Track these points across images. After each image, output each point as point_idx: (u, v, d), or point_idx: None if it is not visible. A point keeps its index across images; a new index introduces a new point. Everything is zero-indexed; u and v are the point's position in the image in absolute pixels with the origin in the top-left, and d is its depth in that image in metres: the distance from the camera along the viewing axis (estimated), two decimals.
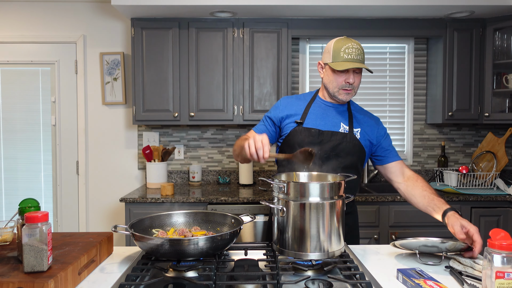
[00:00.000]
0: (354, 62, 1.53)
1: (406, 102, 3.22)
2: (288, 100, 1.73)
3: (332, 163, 1.58)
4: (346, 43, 1.56)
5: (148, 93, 2.82)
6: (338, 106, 1.67)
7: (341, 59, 1.54)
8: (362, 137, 1.64)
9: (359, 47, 1.56)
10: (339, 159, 1.59)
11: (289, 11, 2.70)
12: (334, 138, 1.60)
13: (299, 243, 1.17)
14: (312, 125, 1.63)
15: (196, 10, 2.66)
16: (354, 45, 1.55)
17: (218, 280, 1.07)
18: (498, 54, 2.86)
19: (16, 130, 3.19)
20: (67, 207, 3.22)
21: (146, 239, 1.12)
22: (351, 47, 1.55)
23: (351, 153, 1.60)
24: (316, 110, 1.67)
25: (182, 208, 2.54)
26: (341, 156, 1.59)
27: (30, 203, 1.16)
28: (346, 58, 1.53)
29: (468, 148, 3.23)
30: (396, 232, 2.53)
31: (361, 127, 1.66)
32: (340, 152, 1.59)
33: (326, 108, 1.67)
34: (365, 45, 3.18)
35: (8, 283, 0.94)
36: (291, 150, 1.62)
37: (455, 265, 1.22)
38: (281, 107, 1.71)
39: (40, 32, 3.15)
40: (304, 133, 1.61)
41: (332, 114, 1.66)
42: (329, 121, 1.64)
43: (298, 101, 1.72)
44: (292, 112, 1.68)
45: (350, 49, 1.54)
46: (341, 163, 1.59)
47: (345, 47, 1.55)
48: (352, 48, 1.54)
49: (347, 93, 1.60)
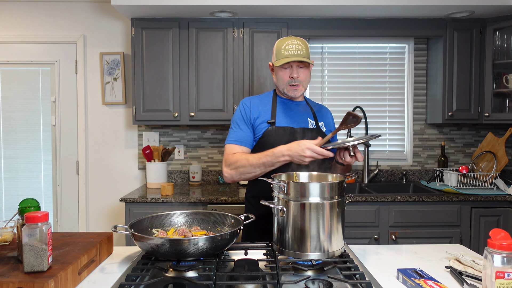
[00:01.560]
0: (293, 57, 1.57)
1: (406, 102, 3.22)
2: (253, 101, 1.72)
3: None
4: (286, 41, 1.61)
5: (148, 93, 2.82)
6: (300, 103, 1.73)
7: (282, 56, 1.60)
8: (326, 130, 1.71)
9: (299, 43, 1.61)
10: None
11: (289, 11, 2.70)
12: (307, 134, 1.64)
13: (299, 243, 1.17)
14: (284, 124, 1.66)
15: (196, 10, 2.66)
16: (294, 41, 1.60)
17: (218, 280, 1.07)
18: (498, 54, 2.86)
19: (16, 130, 3.19)
20: (67, 207, 3.22)
21: (146, 239, 1.12)
22: (290, 43, 1.60)
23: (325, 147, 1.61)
24: (283, 109, 1.70)
25: (182, 208, 2.54)
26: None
27: (30, 203, 1.16)
28: (286, 54, 1.59)
29: (468, 148, 3.23)
30: (396, 232, 2.53)
31: (322, 120, 1.74)
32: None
33: (292, 106, 1.72)
34: (365, 45, 3.18)
35: (8, 283, 0.94)
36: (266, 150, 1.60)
37: (455, 265, 1.22)
38: (250, 108, 1.69)
39: (40, 32, 3.15)
40: (279, 132, 1.63)
41: (298, 111, 1.70)
42: (298, 118, 1.68)
43: (261, 102, 1.72)
44: (261, 113, 1.68)
45: (289, 46, 1.60)
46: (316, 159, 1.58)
47: (285, 45, 1.60)
48: (292, 44, 1.59)
49: (294, 89, 1.64)
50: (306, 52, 1.60)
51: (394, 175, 3.20)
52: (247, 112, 1.68)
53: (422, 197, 2.51)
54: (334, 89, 3.20)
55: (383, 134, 3.21)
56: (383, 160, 3.21)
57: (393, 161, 3.22)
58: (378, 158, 3.20)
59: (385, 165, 3.21)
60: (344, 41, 3.17)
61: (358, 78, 3.21)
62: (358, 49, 3.20)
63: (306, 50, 1.61)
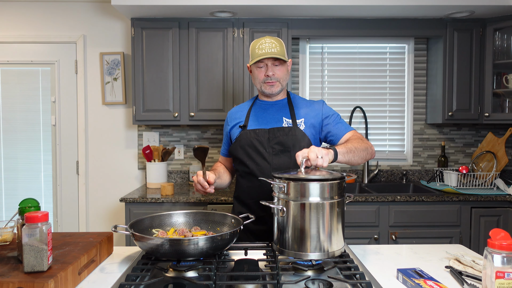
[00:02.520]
0: (265, 54, 1.58)
1: (406, 102, 3.22)
2: (233, 110, 1.81)
3: (283, 159, 1.62)
4: (260, 40, 1.62)
5: (148, 93, 2.82)
6: (277, 103, 1.72)
7: (256, 56, 1.60)
8: (306, 127, 1.65)
9: (273, 41, 1.61)
10: (290, 154, 1.61)
11: (289, 11, 2.70)
12: (279, 133, 1.63)
13: (299, 243, 1.17)
14: (256, 126, 1.68)
15: (196, 10, 2.66)
16: (267, 40, 1.61)
17: (218, 280, 1.07)
18: (498, 54, 2.86)
19: (16, 130, 3.19)
20: (67, 207, 3.22)
21: (146, 239, 1.12)
22: (264, 42, 1.61)
23: (299, 145, 1.61)
24: (257, 112, 1.72)
25: (182, 208, 2.54)
26: (290, 150, 1.61)
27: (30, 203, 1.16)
28: (259, 53, 1.59)
29: (468, 148, 3.23)
30: (396, 232, 2.53)
31: (305, 116, 1.67)
32: (288, 146, 1.61)
33: (266, 107, 1.72)
34: (365, 45, 3.18)
35: (8, 283, 0.94)
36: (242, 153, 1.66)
37: (455, 265, 1.22)
38: (228, 120, 1.79)
39: (40, 32, 3.15)
40: (250, 135, 1.65)
41: (273, 112, 1.70)
42: (271, 118, 1.68)
43: (241, 108, 1.79)
44: (237, 120, 1.75)
45: (263, 45, 1.60)
46: (292, 157, 1.61)
47: (258, 44, 1.61)
48: (265, 43, 1.60)
49: (270, 86, 1.65)
50: (280, 49, 1.60)
51: (394, 175, 3.20)
52: (225, 124, 1.81)
53: (422, 197, 2.51)
54: (334, 89, 3.20)
55: (383, 134, 3.21)
56: (383, 160, 3.21)
57: (393, 161, 3.22)
58: (378, 158, 3.20)
59: (385, 165, 3.21)
60: (344, 41, 3.17)
61: (358, 78, 3.20)
62: (358, 49, 3.20)
63: (280, 48, 1.60)
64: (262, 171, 1.62)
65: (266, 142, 1.63)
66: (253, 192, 1.65)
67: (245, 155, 1.66)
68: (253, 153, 1.64)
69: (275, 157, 1.62)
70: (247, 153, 1.66)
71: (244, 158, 1.67)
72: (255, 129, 1.66)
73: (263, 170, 1.62)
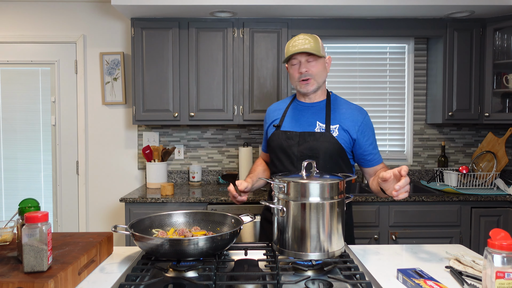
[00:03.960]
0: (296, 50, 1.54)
1: (406, 102, 3.22)
2: (272, 107, 1.79)
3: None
4: (294, 38, 1.59)
5: (148, 93, 2.82)
6: (314, 105, 1.65)
7: (288, 53, 1.57)
8: (340, 133, 1.57)
9: (307, 37, 1.56)
10: (317, 160, 1.55)
11: (289, 11, 2.70)
12: (310, 138, 1.57)
13: (299, 243, 1.17)
14: (288, 128, 1.65)
15: (196, 10, 2.66)
16: (301, 37, 1.57)
17: (218, 280, 1.07)
18: (498, 54, 2.86)
19: (16, 130, 3.19)
20: (67, 207, 3.22)
21: (146, 239, 1.12)
22: (297, 39, 1.57)
23: (328, 153, 1.55)
24: (293, 112, 1.68)
25: (182, 208, 2.54)
26: (318, 156, 1.55)
27: (30, 203, 1.16)
28: (292, 50, 1.56)
29: (468, 148, 3.23)
30: (396, 232, 2.53)
31: (340, 122, 1.58)
32: (318, 152, 1.55)
33: (302, 109, 1.67)
34: (365, 45, 3.18)
35: (8, 283, 0.94)
36: (273, 154, 1.68)
37: (455, 265, 1.22)
38: (266, 117, 1.79)
39: (40, 32, 3.15)
40: (282, 137, 1.63)
41: (308, 114, 1.64)
42: (305, 122, 1.63)
43: (279, 106, 1.76)
44: (273, 118, 1.74)
45: (295, 42, 1.57)
46: (319, 164, 1.54)
47: (292, 42, 1.58)
48: (298, 40, 1.56)
49: (306, 84, 1.59)
50: (314, 45, 1.54)
51: None
52: (265, 120, 1.80)
53: (422, 197, 2.51)
54: (334, 89, 3.20)
55: (383, 134, 3.21)
56: (383, 160, 3.20)
57: (393, 161, 3.22)
58: None
59: None
60: (344, 41, 3.17)
61: (358, 78, 3.20)
62: (358, 49, 3.20)
63: (315, 44, 1.54)
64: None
65: (295, 146, 1.59)
66: None
67: (275, 156, 1.66)
68: (282, 155, 1.62)
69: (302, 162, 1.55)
70: (276, 154, 1.65)
71: (274, 159, 1.66)
72: (287, 131, 1.63)
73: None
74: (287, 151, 1.61)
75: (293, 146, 1.59)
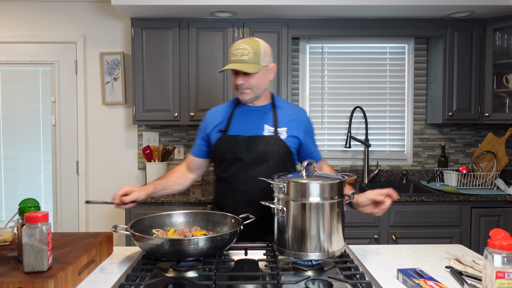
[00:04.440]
0: (232, 64, 1.51)
1: (406, 102, 3.22)
2: (213, 111, 1.71)
3: (261, 168, 1.55)
4: (236, 45, 1.53)
5: (148, 93, 2.82)
6: (261, 108, 1.63)
7: (229, 61, 1.54)
8: (288, 136, 1.58)
9: (246, 47, 1.50)
10: (268, 163, 1.55)
11: (289, 11, 2.70)
12: (259, 142, 1.56)
13: (299, 243, 1.17)
14: (236, 132, 1.60)
15: (196, 10, 2.66)
16: (241, 46, 1.51)
17: (218, 280, 1.07)
18: (498, 54, 2.86)
19: (16, 130, 3.19)
20: (67, 207, 3.22)
21: (146, 239, 1.12)
22: (237, 47, 1.52)
23: (278, 156, 1.56)
24: (239, 116, 1.64)
25: (182, 208, 2.54)
26: (268, 160, 1.55)
27: (30, 203, 1.16)
28: (232, 59, 1.53)
29: (468, 148, 3.22)
30: (396, 232, 2.53)
31: (288, 125, 1.60)
32: (267, 156, 1.55)
33: (248, 112, 1.64)
34: (365, 45, 3.18)
35: (8, 283, 0.94)
36: (220, 159, 1.61)
37: (455, 265, 1.22)
38: (207, 121, 1.69)
39: (40, 32, 3.15)
40: (229, 141, 1.58)
41: (255, 118, 1.62)
42: (252, 125, 1.60)
43: (222, 110, 1.69)
44: (218, 122, 1.65)
45: (236, 51, 1.51)
46: (269, 167, 1.54)
47: (234, 49, 1.53)
48: (238, 49, 1.51)
49: (242, 93, 1.58)
50: (253, 57, 1.49)
51: (394, 175, 3.20)
52: (203, 125, 1.70)
53: (422, 197, 2.51)
54: (334, 89, 3.20)
55: (383, 134, 3.21)
56: (383, 160, 3.21)
57: (393, 161, 3.22)
58: (378, 158, 3.20)
59: (385, 165, 3.21)
60: (344, 41, 3.17)
61: (358, 78, 3.20)
62: (358, 49, 3.20)
63: (253, 55, 1.49)
64: (237, 180, 1.56)
65: (245, 150, 1.55)
66: (228, 198, 1.60)
67: (222, 161, 1.60)
68: (230, 160, 1.58)
69: (252, 166, 1.55)
70: (224, 159, 1.59)
71: (221, 164, 1.61)
72: (235, 135, 1.58)
73: (239, 178, 1.56)
74: (236, 156, 1.56)
75: (243, 151, 1.56)
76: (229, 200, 1.59)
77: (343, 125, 3.20)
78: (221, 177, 1.63)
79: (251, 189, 1.55)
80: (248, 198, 1.55)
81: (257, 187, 1.54)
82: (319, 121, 3.21)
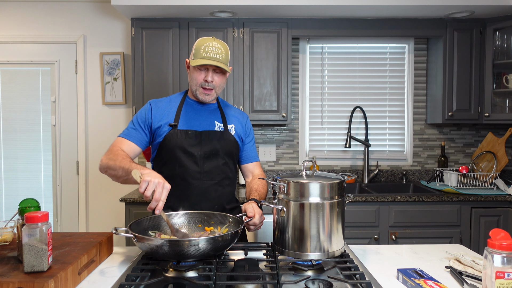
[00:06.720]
0: (210, 60, 1.52)
1: (406, 102, 3.22)
2: (158, 103, 1.66)
3: (214, 163, 1.59)
4: (207, 42, 1.55)
5: (148, 93, 2.82)
6: (209, 106, 1.69)
7: (200, 57, 1.53)
8: (236, 133, 1.67)
9: (220, 46, 1.55)
10: (218, 158, 1.60)
11: (289, 11, 2.70)
12: (212, 137, 1.60)
13: (299, 243, 1.17)
14: (187, 127, 1.60)
15: (196, 10, 2.66)
16: (215, 44, 1.55)
17: (218, 280, 1.07)
18: (498, 54, 2.86)
19: (16, 130, 3.19)
20: (67, 207, 3.22)
21: (146, 240, 1.11)
22: (211, 45, 1.54)
23: (229, 151, 1.63)
24: (188, 111, 1.64)
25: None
26: (219, 155, 1.60)
27: (30, 203, 1.16)
28: (204, 55, 1.53)
29: (468, 148, 3.23)
30: (396, 232, 2.53)
31: (235, 123, 1.69)
32: (219, 151, 1.60)
33: (198, 108, 1.66)
34: (365, 45, 3.18)
35: (8, 283, 0.94)
36: (170, 154, 1.56)
37: (455, 265, 1.22)
38: (152, 111, 1.62)
39: (40, 32, 3.15)
40: (181, 136, 1.57)
41: (205, 114, 1.66)
42: (203, 121, 1.63)
43: (168, 104, 1.66)
44: (164, 116, 1.61)
45: (209, 47, 1.54)
46: (220, 162, 1.60)
47: (205, 45, 1.54)
48: (212, 46, 1.54)
49: (206, 94, 1.59)
50: (225, 57, 1.55)
51: (394, 175, 3.20)
52: (147, 116, 1.62)
53: (422, 197, 2.51)
54: (334, 89, 3.20)
55: (383, 134, 3.21)
56: (383, 160, 3.21)
57: (393, 161, 3.22)
58: (378, 158, 3.20)
59: (385, 165, 3.22)
60: (344, 41, 3.17)
61: (358, 78, 3.20)
62: (358, 49, 3.20)
63: (225, 56, 1.55)
64: (191, 175, 1.55)
65: (197, 145, 1.57)
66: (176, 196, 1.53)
67: (173, 156, 1.56)
68: (182, 155, 1.56)
69: (205, 160, 1.57)
70: (175, 154, 1.56)
71: (172, 159, 1.57)
72: (187, 130, 1.58)
73: (192, 174, 1.56)
74: (188, 150, 1.56)
75: (196, 146, 1.56)
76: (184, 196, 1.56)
77: (343, 125, 3.20)
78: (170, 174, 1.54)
79: (206, 184, 1.58)
80: (203, 192, 1.57)
81: (211, 181, 1.58)
82: (319, 121, 3.21)
